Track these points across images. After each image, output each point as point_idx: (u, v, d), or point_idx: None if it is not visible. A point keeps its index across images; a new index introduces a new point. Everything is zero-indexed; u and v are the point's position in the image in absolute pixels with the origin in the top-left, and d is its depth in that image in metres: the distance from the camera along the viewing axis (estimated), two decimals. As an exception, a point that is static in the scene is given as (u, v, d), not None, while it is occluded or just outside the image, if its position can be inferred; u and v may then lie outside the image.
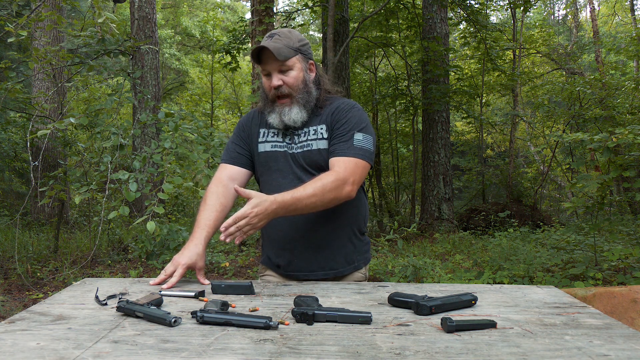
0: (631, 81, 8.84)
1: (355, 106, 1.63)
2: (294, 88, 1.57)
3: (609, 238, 5.27)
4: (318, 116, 1.62)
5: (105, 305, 1.25)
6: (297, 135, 1.61)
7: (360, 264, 1.66)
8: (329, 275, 1.59)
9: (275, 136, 1.63)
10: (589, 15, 17.91)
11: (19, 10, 5.43)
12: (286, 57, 1.53)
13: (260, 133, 1.66)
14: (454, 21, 10.40)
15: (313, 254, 1.57)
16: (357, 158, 1.51)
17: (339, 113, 1.60)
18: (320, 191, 1.43)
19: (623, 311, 2.55)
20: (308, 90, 1.59)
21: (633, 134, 3.50)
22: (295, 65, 1.57)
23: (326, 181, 1.45)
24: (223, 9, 21.97)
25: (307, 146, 1.58)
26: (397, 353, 0.93)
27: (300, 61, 1.59)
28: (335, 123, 1.58)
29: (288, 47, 1.55)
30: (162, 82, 15.69)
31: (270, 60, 1.54)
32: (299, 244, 1.57)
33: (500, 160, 12.92)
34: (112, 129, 3.42)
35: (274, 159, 1.60)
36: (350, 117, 1.58)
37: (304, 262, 1.58)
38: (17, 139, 8.03)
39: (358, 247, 1.65)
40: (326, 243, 1.57)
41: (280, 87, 1.56)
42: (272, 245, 1.64)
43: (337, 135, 1.56)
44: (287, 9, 10.74)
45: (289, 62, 1.55)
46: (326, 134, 1.59)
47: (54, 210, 7.89)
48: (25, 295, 4.26)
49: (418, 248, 6.66)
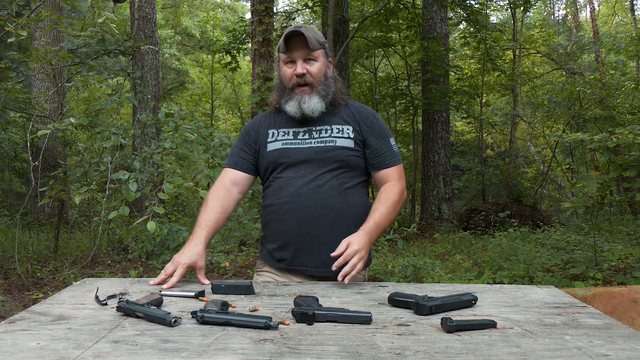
0: (631, 81, 8.84)
1: (376, 114, 1.74)
2: (316, 79, 1.60)
3: (609, 238, 5.27)
4: (336, 115, 1.65)
5: (105, 305, 1.25)
6: (317, 131, 1.62)
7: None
8: (330, 273, 1.56)
9: (286, 135, 1.64)
10: (589, 15, 17.91)
11: (19, 10, 5.43)
12: (315, 47, 1.58)
13: (269, 134, 1.66)
14: (454, 21, 10.40)
15: (318, 250, 1.56)
16: (400, 163, 1.68)
17: (367, 119, 1.67)
18: (392, 210, 1.58)
19: (623, 311, 2.55)
20: (327, 84, 1.63)
21: (633, 134, 3.50)
22: (319, 58, 1.61)
23: (394, 197, 1.59)
24: (223, 9, 21.97)
25: (331, 142, 1.59)
26: (397, 353, 0.93)
27: (323, 55, 1.63)
28: (369, 130, 1.64)
29: (316, 39, 1.59)
30: (162, 82, 15.68)
31: (299, 47, 1.57)
32: (304, 238, 1.56)
33: (500, 160, 12.93)
34: (112, 129, 3.42)
35: (285, 155, 1.60)
36: (381, 124, 1.68)
37: (308, 257, 1.57)
38: (17, 139, 8.03)
39: None
40: (331, 241, 1.55)
41: (304, 75, 1.58)
42: (277, 239, 1.63)
43: (379, 144, 1.64)
44: (287, 9, 10.74)
45: (316, 53, 1.60)
46: (352, 134, 1.62)
47: (54, 210, 7.89)
48: (25, 295, 4.26)
49: (418, 248, 6.66)
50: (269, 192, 1.64)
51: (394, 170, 1.64)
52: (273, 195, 1.61)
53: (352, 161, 1.59)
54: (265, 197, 1.66)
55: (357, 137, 1.62)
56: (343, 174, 1.59)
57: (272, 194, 1.62)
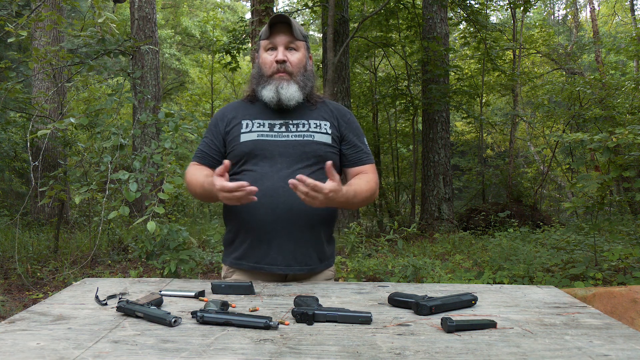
0: (631, 81, 8.84)
1: (351, 112, 1.73)
2: (296, 68, 1.57)
3: (609, 238, 5.27)
4: (314, 111, 1.63)
5: (105, 305, 1.25)
6: (294, 125, 1.58)
7: (330, 261, 1.65)
8: (304, 270, 1.54)
9: (262, 126, 1.58)
10: (589, 15, 17.91)
11: (19, 10, 5.43)
12: (298, 36, 1.57)
13: (243, 124, 1.59)
14: (454, 21, 10.40)
15: (291, 247, 1.52)
16: (374, 162, 1.67)
17: (344, 116, 1.67)
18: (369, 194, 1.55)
19: (623, 311, 2.55)
20: (307, 77, 1.61)
21: (633, 134, 3.50)
22: (301, 49, 1.60)
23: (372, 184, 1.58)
24: (223, 9, 21.97)
25: (309, 136, 1.56)
26: (397, 353, 0.93)
27: (305, 48, 1.62)
28: (347, 127, 1.64)
29: (300, 31, 1.59)
30: (162, 82, 15.68)
31: (282, 34, 1.55)
32: (279, 235, 1.51)
33: (500, 160, 12.93)
34: (112, 129, 3.41)
35: (261, 147, 1.54)
36: (356, 123, 1.69)
37: (280, 255, 1.52)
38: (17, 139, 8.03)
39: (329, 246, 1.64)
40: (304, 239, 1.53)
41: (285, 63, 1.55)
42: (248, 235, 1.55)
43: (355, 142, 1.64)
44: (287, 9, 10.74)
45: (299, 43, 1.59)
46: (330, 130, 1.60)
47: (54, 210, 7.89)
48: (25, 295, 4.26)
49: (418, 248, 6.66)
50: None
51: (370, 167, 1.64)
52: None
53: (329, 157, 1.54)
54: None
55: (334, 134, 1.60)
56: (320, 170, 1.53)
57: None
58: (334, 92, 7.75)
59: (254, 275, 1.57)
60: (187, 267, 3.06)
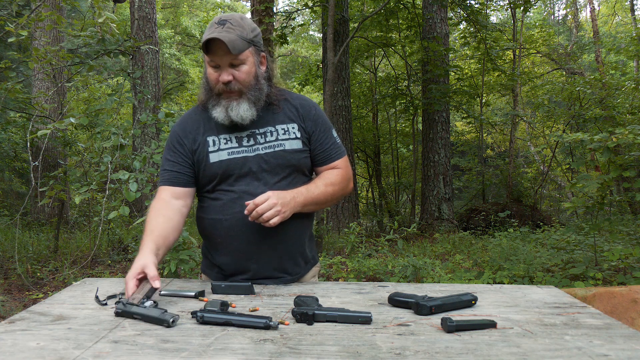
0: (631, 81, 8.83)
1: (316, 104, 1.61)
2: (245, 84, 1.44)
3: (609, 238, 5.27)
4: (278, 113, 1.52)
5: (105, 305, 1.25)
6: (261, 135, 1.49)
7: (315, 259, 1.65)
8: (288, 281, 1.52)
9: (229, 142, 1.48)
10: (589, 15, 17.91)
11: (19, 10, 5.43)
12: (240, 50, 1.39)
13: (209, 142, 1.49)
14: (454, 21, 10.39)
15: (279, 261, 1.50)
16: (345, 155, 1.60)
17: (309, 112, 1.55)
18: (331, 191, 1.50)
19: (623, 311, 2.55)
20: (259, 87, 1.47)
21: (633, 134, 3.50)
22: (247, 59, 1.43)
23: (335, 179, 1.52)
24: (223, 9, 21.96)
25: (279, 146, 1.48)
26: (397, 353, 0.93)
27: (253, 54, 1.45)
28: (313, 124, 1.54)
29: (242, 38, 1.40)
30: (162, 82, 15.68)
31: (221, 52, 1.38)
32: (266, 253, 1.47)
33: (500, 160, 12.91)
34: (112, 129, 3.41)
35: (234, 166, 1.46)
36: (323, 116, 1.59)
37: (265, 271, 1.49)
38: (17, 139, 8.02)
39: (310, 247, 1.62)
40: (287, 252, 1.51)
41: (230, 83, 1.42)
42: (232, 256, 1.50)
43: (322, 138, 1.55)
44: (287, 9, 10.74)
45: (242, 56, 1.41)
46: (299, 133, 1.51)
47: (54, 210, 7.89)
48: (25, 295, 4.25)
49: (418, 248, 6.66)
50: (218, 205, 1.48)
51: (340, 162, 1.57)
52: (225, 210, 1.47)
53: (303, 164, 1.51)
54: (213, 209, 1.49)
55: (303, 136, 1.52)
56: (296, 179, 1.50)
57: (223, 208, 1.47)
58: (334, 92, 7.75)
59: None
60: (187, 267, 3.06)
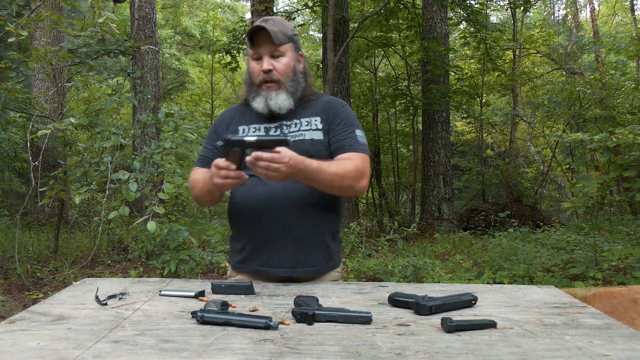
0: (631, 81, 8.83)
1: (345, 104, 1.67)
2: (284, 75, 1.55)
3: (609, 238, 5.27)
4: (307, 109, 1.61)
5: (105, 305, 1.25)
6: (287, 126, 1.58)
7: (337, 262, 1.64)
8: (308, 272, 1.54)
9: (257, 131, 1.59)
10: (589, 15, 17.91)
11: (19, 10, 5.43)
12: (281, 42, 1.52)
13: (239, 131, 1.61)
14: (454, 21, 10.39)
15: (294, 250, 1.52)
16: (365, 154, 1.55)
17: (333, 108, 1.61)
18: (342, 173, 1.45)
19: (623, 311, 2.55)
20: (296, 80, 1.58)
21: (633, 134, 3.50)
22: (287, 53, 1.56)
23: (348, 167, 1.48)
24: (223, 9, 21.96)
25: (300, 135, 1.55)
26: (397, 353, 0.93)
27: (292, 50, 1.58)
28: (333, 117, 1.59)
29: (283, 33, 1.54)
30: (162, 82, 15.68)
31: (265, 43, 1.52)
32: (281, 238, 1.51)
33: (500, 160, 12.92)
34: (112, 129, 3.41)
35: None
36: (347, 113, 1.62)
37: (284, 257, 1.52)
38: (17, 139, 8.02)
39: (335, 246, 1.62)
40: (307, 240, 1.53)
41: (270, 72, 1.54)
42: (251, 239, 1.56)
43: (340, 131, 1.57)
44: (287, 9, 10.74)
45: (282, 48, 1.54)
46: (321, 125, 1.58)
47: (54, 210, 7.88)
48: (25, 295, 4.25)
49: (418, 248, 6.66)
50: (240, 189, 1.56)
51: (356, 155, 1.52)
52: (245, 193, 1.54)
53: (321, 155, 1.52)
54: (236, 194, 1.59)
55: (324, 128, 1.58)
56: None
57: (244, 192, 1.55)
58: (334, 92, 7.74)
59: (257, 278, 1.58)
60: (187, 267, 3.06)
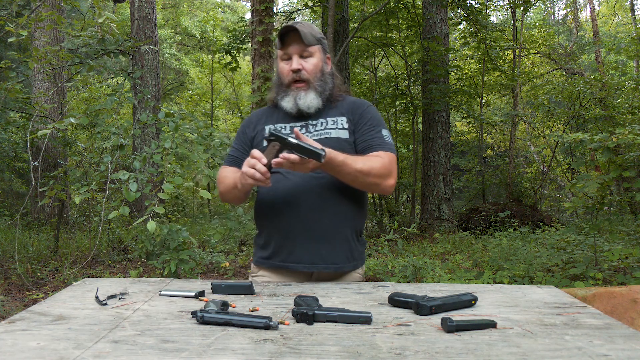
0: (631, 81, 8.83)
1: (371, 104, 1.70)
2: (312, 75, 1.60)
3: (609, 238, 5.27)
4: (333, 109, 1.65)
5: (105, 305, 1.25)
6: (313, 125, 1.62)
7: (359, 263, 1.64)
8: (329, 269, 1.55)
9: (283, 130, 1.63)
10: (589, 15, 17.91)
11: (19, 10, 5.42)
12: (310, 42, 1.58)
13: (265, 130, 1.65)
14: (454, 21, 10.39)
15: (316, 246, 1.53)
16: (393, 153, 1.57)
17: (359, 108, 1.65)
18: (368, 169, 1.47)
19: (623, 311, 2.55)
20: (324, 80, 1.63)
21: (633, 134, 3.50)
22: (315, 54, 1.61)
23: (375, 164, 1.49)
24: (223, 9, 21.94)
25: (326, 134, 1.59)
26: (397, 353, 0.93)
27: (320, 51, 1.63)
28: (359, 117, 1.62)
29: (312, 34, 1.60)
30: (162, 82, 15.68)
31: (295, 43, 1.58)
32: (303, 234, 1.53)
33: (500, 160, 12.91)
34: (112, 129, 3.41)
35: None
36: (373, 113, 1.65)
37: (305, 253, 1.54)
38: (17, 139, 8.01)
39: (358, 246, 1.63)
40: (329, 237, 1.54)
41: (300, 71, 1.58)
42: (274, 234, 1.59)
43: (367, 130, 1.59)
44: (287, 9, 10.74)
45: (311, 49, 1.60)
46: (347, 124, 1.61)
47: (54, 210, 7.89)
48: (25, 295, 4.25)
49: (418, 248, 6.66)
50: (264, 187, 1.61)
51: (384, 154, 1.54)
52: (269, 190, 1.56)
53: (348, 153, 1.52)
54: (261, 191, 1.64)
55: (350, 127, 1.61)
56: None
57: (268, 189, 1.55)
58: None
59: (279, 274, 1.60)
60: (187, 267, 3.06)
